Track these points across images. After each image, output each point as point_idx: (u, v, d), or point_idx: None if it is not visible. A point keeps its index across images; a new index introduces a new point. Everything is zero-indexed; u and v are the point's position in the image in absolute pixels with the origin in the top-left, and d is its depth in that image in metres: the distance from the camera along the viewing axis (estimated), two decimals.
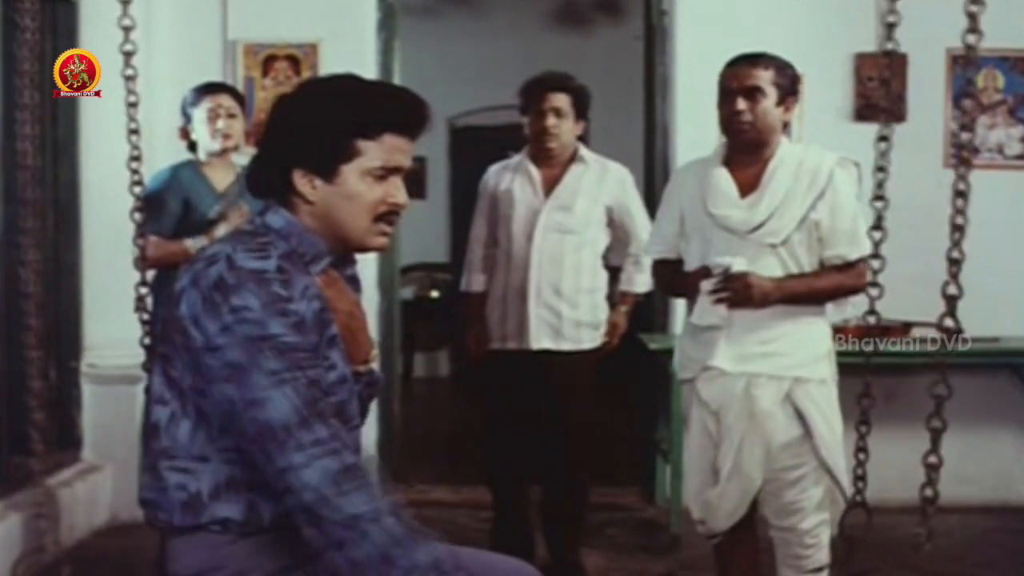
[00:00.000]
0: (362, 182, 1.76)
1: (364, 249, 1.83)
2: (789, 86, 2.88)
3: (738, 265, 2.79)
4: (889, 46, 2.17)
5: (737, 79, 2.86)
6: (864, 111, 4.65)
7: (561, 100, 3.62)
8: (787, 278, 2.83)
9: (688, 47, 4.73)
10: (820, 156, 2.90)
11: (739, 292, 2.80)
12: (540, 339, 3.66)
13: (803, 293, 2.85)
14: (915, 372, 2.80)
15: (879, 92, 4.62)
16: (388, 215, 1.80)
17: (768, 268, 2.82)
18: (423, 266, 8.21)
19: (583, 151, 3.74)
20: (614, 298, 3.87)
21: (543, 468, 3.82)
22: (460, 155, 8.37)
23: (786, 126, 2.95)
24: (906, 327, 4.00)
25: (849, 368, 2.99)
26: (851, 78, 4.70)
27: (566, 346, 3.68)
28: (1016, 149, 4.75)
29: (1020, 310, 4.67)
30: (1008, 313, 4.62)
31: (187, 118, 3.56)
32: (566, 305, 3.65)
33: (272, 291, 1.66)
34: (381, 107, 1.77)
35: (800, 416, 2.82)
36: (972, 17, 1.89)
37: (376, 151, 1.76)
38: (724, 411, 2.86)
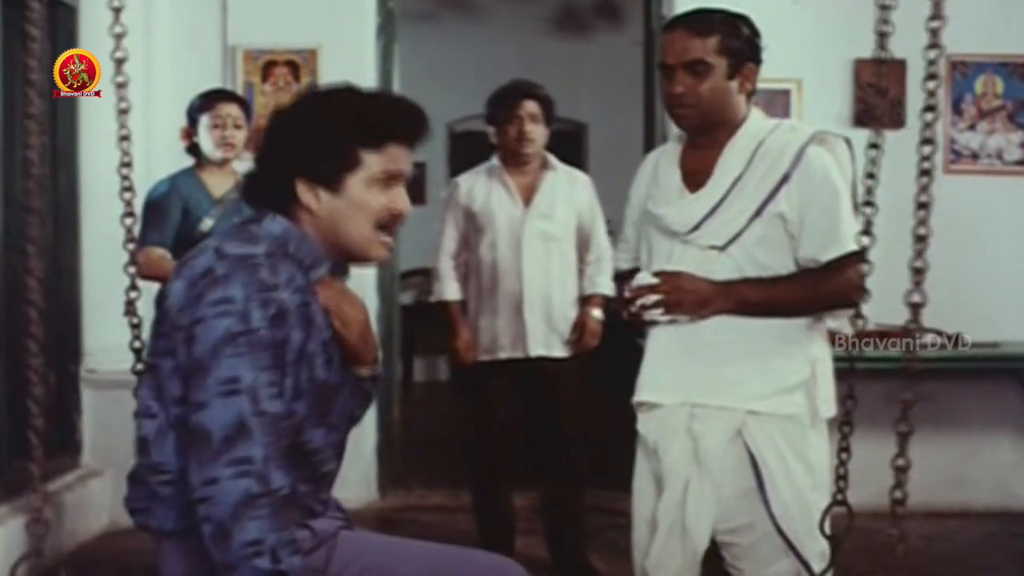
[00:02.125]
0: (367, 191, 1.77)
1: (366, 259, 1.84)
2: (744, 49, 2.25)
3: (643, 279, 2.28)
4: (882, 55, 2.16)
5: (674, 52, 2.25)
6: (863, 117, 4.65)
7: (534, 107, 3.69)
8: (739, 282, 2.23)
9: None
10: (789, 132, 2.29)
11: (667, 297, 2.24)
12: (536, 347, 3.68)
13: (759, 302, 2.22)
14: (915, 376, 2.79)
15: (878, 98, 4.66)
16: (390, 223, 1.81)
17: (719, 278, 2.24)
18: (423, 271, 8.16)
19: (551, 158, 3.79)
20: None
21: (542, 473, 3.82)
22: (459, 160, 8.36)
23: (751, 96, 2.31)
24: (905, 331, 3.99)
25: (845, 373, 2.97)
26: (850, 84, 4.71)
27: (559, 352, 3.71)
28: (1015, 155, 4.75)
29: (1020, 315, 4.67)
30: (1008, 318, 4.62)
31: (192, 122, 3.58)
32: (558, 313, 3.70)
33: (258, 277, 1.67)
34: (385, 118, 1.79)
35: (754, 462, 2.24)
36: (934, 33, 1.88)
37: (379, 160, 1.77)
38: (663, 450, 2.28)
